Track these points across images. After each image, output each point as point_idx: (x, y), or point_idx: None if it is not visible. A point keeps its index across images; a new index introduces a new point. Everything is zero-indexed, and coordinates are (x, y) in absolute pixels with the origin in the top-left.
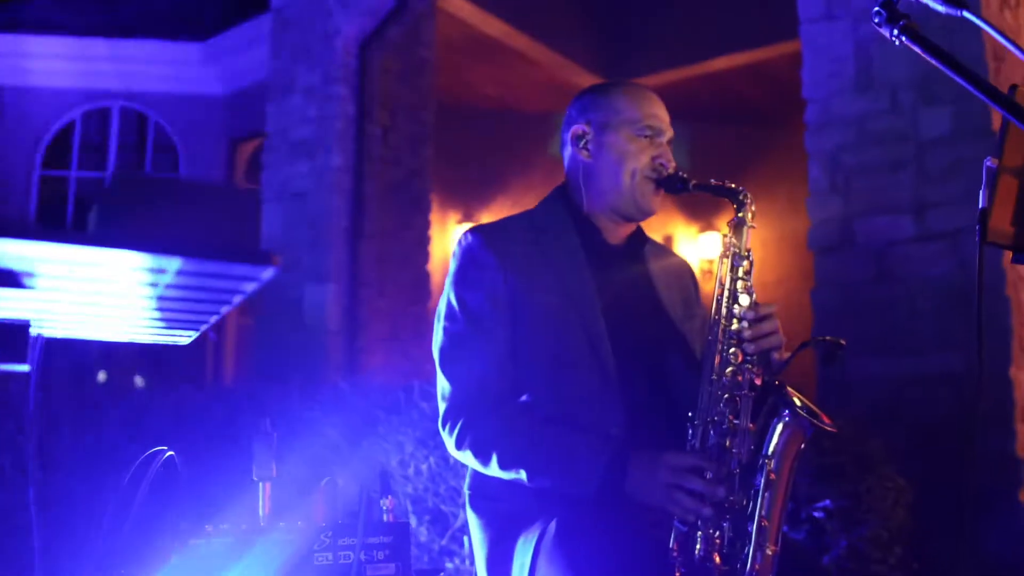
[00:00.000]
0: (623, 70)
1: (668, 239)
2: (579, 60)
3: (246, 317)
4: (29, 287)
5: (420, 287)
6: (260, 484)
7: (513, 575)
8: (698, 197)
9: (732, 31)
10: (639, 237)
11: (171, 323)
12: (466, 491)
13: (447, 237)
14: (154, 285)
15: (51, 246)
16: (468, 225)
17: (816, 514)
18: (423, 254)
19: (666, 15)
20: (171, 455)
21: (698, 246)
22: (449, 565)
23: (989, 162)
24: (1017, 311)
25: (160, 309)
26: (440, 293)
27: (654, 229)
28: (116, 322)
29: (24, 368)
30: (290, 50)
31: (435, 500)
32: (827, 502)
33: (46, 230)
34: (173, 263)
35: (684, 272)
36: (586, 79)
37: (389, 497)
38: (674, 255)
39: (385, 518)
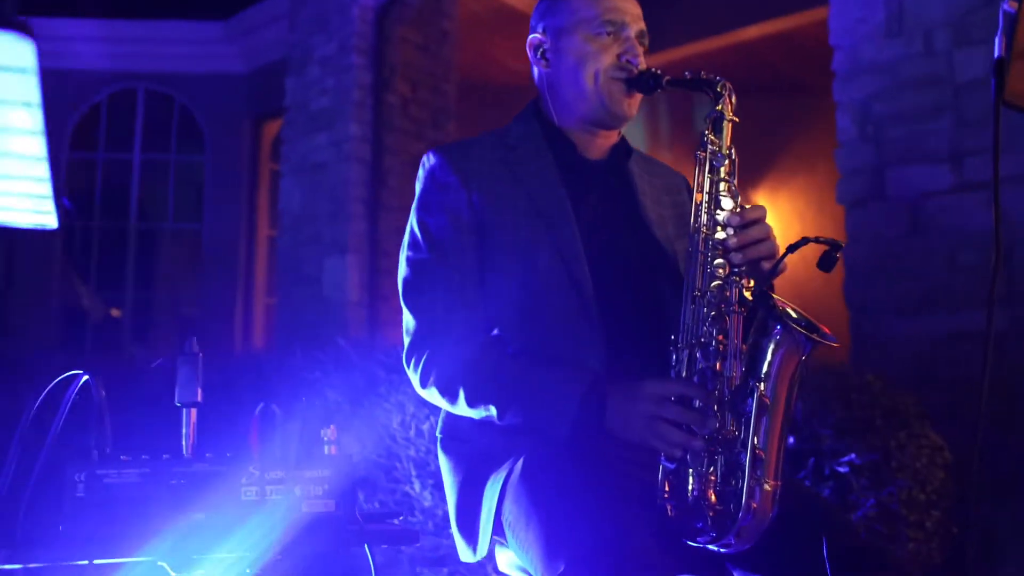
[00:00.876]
0: (652, 41)
1: None
2: None
3: (271, 296)
4: None
5: None
6: (184, 410)
7: (481, 523)
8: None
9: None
10: (622, 149)
11: None
12: (438, 435)
13: None
14: None
15: None
16: None
17: (840, 469)
18: None
19: None
20: (87, 379)
21: None
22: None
23: (1007, 5)
24: None
25: None
26: None
27: None
28: None
29: None
30: (308, 22)
31: (438, 464)
32: (852, 456)
33: None
34: None
35: (677, 186)
36: None
37: (332, 427)
38: (666, 168)
39: (326, 450)
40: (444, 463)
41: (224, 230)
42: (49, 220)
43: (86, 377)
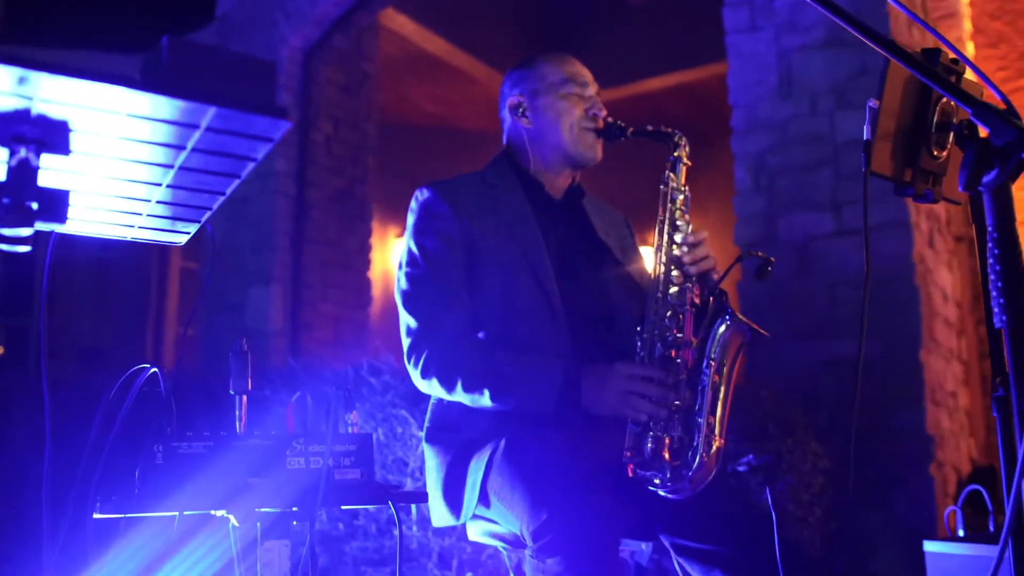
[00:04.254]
0: None
1: None
2: None
3: (183, 326)
4: (69, 151)
5: (362, 292)
6: (237, 397)
7: (465, 493)
8: (636, 214)
9: (664, 52)
10: (577, 190)
11: (186, 201)
12: (425, 427)
13: (387, 248)
14: (180, 147)
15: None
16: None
17: (740, 468)
18: (364, 261)
19: (601, 36)
20: (155, 371)
21: None
22: (395, 532)
23: (872, 103)
24: (926, 300)
25: (177, 185)
26: (381, 300)
27: None
28: (132, 205)
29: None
30: None
31: (382, 472)
32: (750, 457)
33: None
34: (208, 113)
35: (620, 221)
36: None
37: (353, 412)
38: (609, 207)
39: (350, 430)
40: (429, 452)
41: (135, 261)
42: (181, 239)
43: (154, 369)
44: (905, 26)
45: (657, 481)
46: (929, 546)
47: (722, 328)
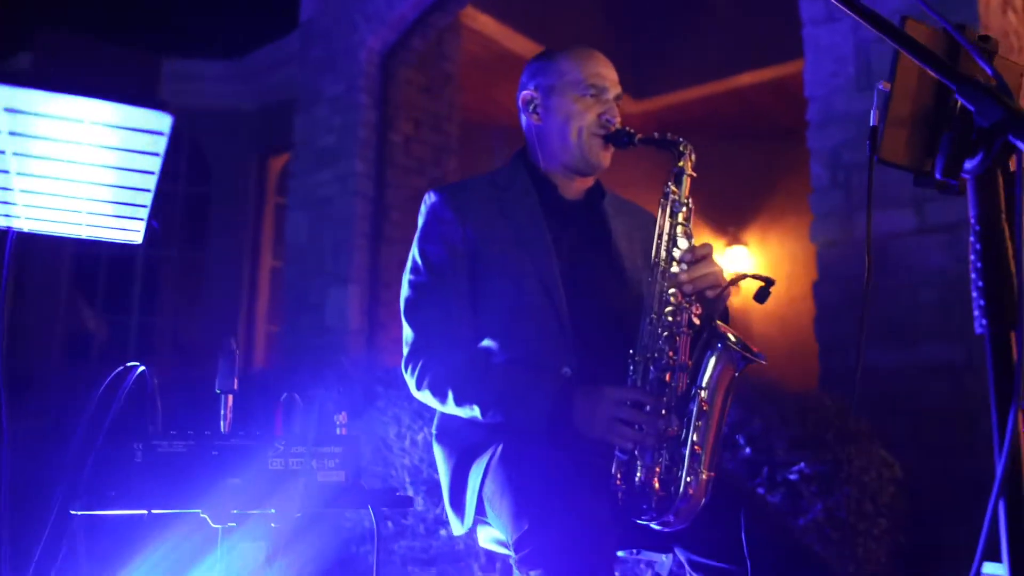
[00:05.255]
0: (648, 86)
1: None
2: None
3: (272, 324)
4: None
5: None
6: (223, 396)
7: (467, 500)
8: (725, 209)
9: (756, 47)
10: (597, 191)
11: (115, 199)
12: (433, 431)
13: None
14: (78, 143)
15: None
16: None
17: (791, 477)
18: None
19: (691, 31)
20: (143, 369)
21: (725, 259)
22: (443, 532)
23: (881, 86)
24: None
25: (99, 182)
26: None
27: None
28: (83, 203)
29: None
30: (317, 63)
31: (430, 471)
32: (802, 465)
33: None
34: (90, 107)
35: (646, 224)
36: None
37: (343, 413)
38: (637, 208)
39: (338, 431)
40: (438, 453)
41: (229, 259)
42: (136, 237)
43: (143, 368)
44: (999, 9)
45: (644, 508)
46: (989, 568)
47: (713, 358)
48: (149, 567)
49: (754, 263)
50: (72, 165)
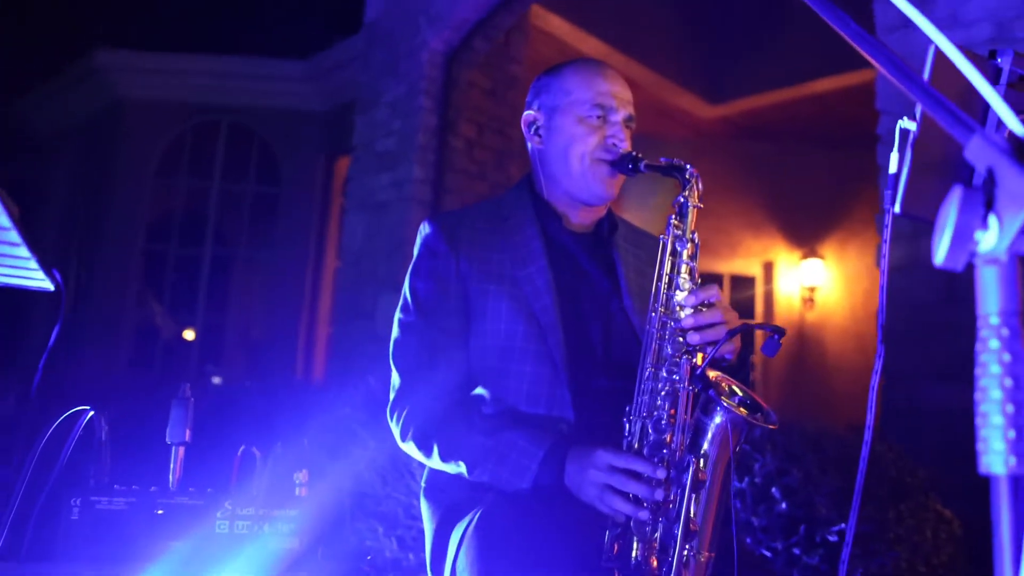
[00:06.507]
0: (723, 90)
1: (769, 264)
2: (678, 80)
3: (329, 326)
4: None
5: None
6: (173, 448)
7: (445, 566)
8: (802, 220)
9: (837, 51)
10: (608, 223)
11: None
12: (422, 485)
13: None
14: None
15: None
16: None
17: (831, 538)
18: None
19: (768, 35)
20: (92, 414)
21: (800, 272)
22: None
23: (906, 123)
24: None
25: None
26: None
27: (755, 254)
28: None
29: None
30: (379, 65)
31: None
32: (843, 525)
33: None
34: None
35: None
36: (686, 100)
37: (304, 471)
38: (652, 239)
39: (298, 492)
40: (425, 510)
41: (294, 259)
42: (47, 284)
43: (92, 412)
44: None
45: None
46: None
47: (711, 425)
48: None
49: (829, 277)
50: None
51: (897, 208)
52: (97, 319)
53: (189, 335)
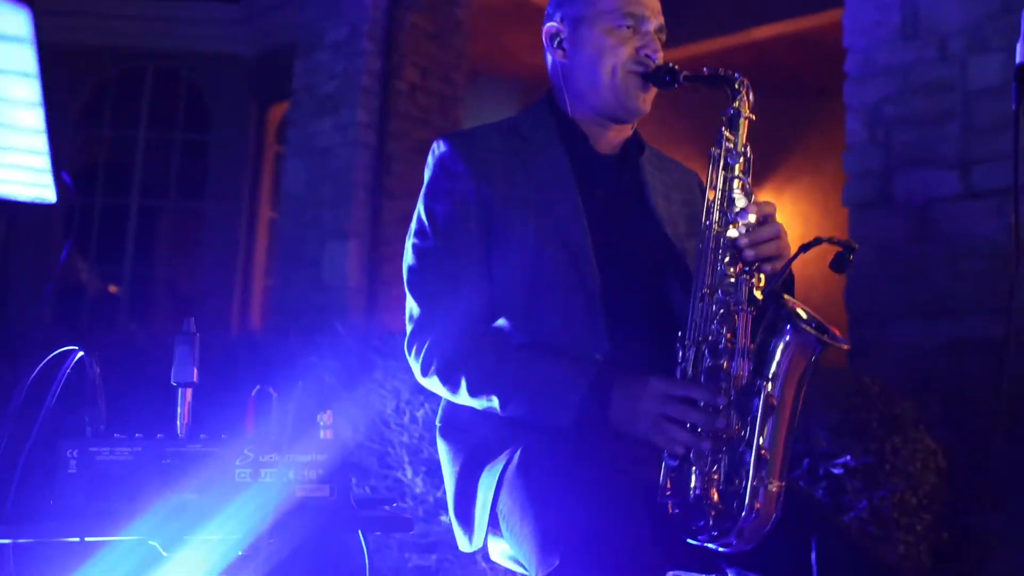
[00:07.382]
0: (667, 37)
1: None
2: None
3: (271, 277)
4: None
5: None
6: (179, 390)
7: (476, 514)
8: None
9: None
10: (635, 144)
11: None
12: (437, 423)
13: None
14: None
15: None
16: None
17: (835, 470)
18: None
19: None
20: (82, 355)
21: None
22: (444, 518)
23: None
24: None
25: None
26: None
27: None
28: None
29: None
30: (318, 6)
31: (431, 450)
32: (847, 458)
33: None
34: None
35: (689, 183)
36: None
37: (328, 412)
38: (679, 165)
39: (322, 435)
40: (443, 451)
41: (226, 210)
42: (48, 194)
43: (81, 353)
44: None
45: (701, 526)
46: None
47: (781, 343)
48: None
49: None
50: None
51: None
52: (20, 274)
53: (114, 289)
